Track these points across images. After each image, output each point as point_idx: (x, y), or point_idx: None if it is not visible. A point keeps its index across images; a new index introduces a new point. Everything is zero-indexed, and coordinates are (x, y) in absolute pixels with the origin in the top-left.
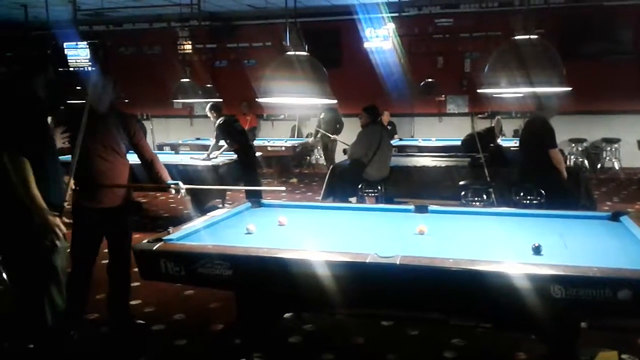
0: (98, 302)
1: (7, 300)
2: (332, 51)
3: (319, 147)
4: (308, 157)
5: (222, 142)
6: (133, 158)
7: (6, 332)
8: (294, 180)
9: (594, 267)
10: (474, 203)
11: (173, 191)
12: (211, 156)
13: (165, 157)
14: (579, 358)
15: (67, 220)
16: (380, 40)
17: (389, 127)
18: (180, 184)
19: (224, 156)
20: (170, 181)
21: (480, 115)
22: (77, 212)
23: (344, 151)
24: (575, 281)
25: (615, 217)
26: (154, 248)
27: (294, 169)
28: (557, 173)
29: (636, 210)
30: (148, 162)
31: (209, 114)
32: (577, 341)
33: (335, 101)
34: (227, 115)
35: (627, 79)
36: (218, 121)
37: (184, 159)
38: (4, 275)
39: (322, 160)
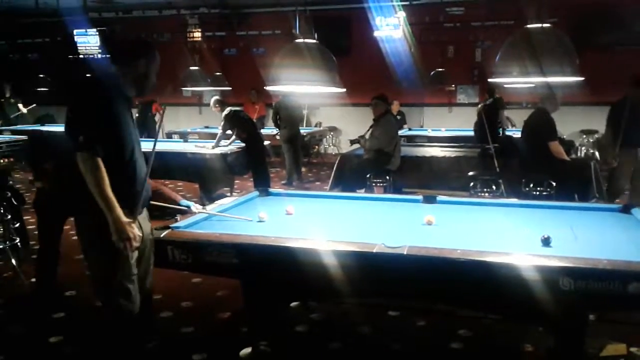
0: None
1: (15, 286)
2: (341, 40)
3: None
4: (317, 146)
5: (229, 132)
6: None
7: (14, 317)
8: (302, 169)
9: (603, 259)
10: (482, 194)
11: None
12: (220, 145)
13: (173, 145)
14: (587, 350)
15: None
16: (391, 28)
17: (398, 117)
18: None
19: (231, 145)
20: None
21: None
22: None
23: (352, 142)
24: (584, 273)
25: (626, 209)
26: (162, 236)
27: (302, 158)
28: (561, 163)
29: None
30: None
31: (213, 109)
32: (585, 333)
33: (343, 89)
34: (233, 106)
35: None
36: (225, 112)
37: (189, 147)
38: (14, 261)
39: (330, 150)
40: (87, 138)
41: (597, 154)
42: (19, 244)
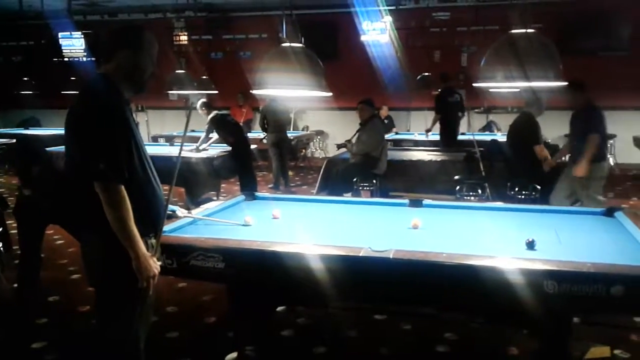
0: (90, 294)
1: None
2: (328, 44)
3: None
4: (304, 150)
5: (211, 135)
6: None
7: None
8: (290, 173)
9: (587, 262)
10: (468, 197)
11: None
12: (200, 148)
13: (158, 149)
14: (571, 353)
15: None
16: (377, 33)
17: (385, 122)
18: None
19: (218, 148)
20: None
21: (476, 110)
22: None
23: (338, 146)
24: (568, 276)
25: (609, 212)
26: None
27: (289, 162)
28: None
29: (631, 206)
30: None
31: (199, 111)
32: (569, 336)
33: (330, 94)
34: (219, 109)
35: (622, 75)
36: (210, 116)
37: (175, 150)
38: None
39: (318, 154)
40: (110, 164)
41: None
42: (1, 248)
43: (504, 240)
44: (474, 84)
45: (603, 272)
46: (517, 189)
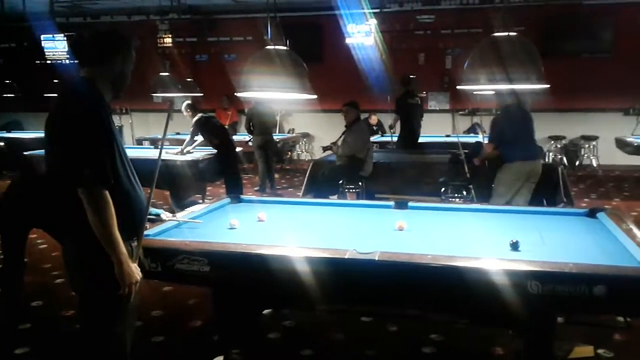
0: (74, 299)
1: None
2: (313, 46)
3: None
4: (290, 153)
5: (196, 137)
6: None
7: None
8: (275, 175)
9: (570, 263)
10: (453, 199)
11: None
12: (185, 151)
13: (142, 152)
14: (555, 353)
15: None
16: (362, 36)
17: (374, 128)
18: None
19: (203, 151)
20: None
21: (461, 112)
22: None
23: (324, 148)
24: (551, 277)
25: (592, 213)
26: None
27: (275, 164)
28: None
29: (613, 207)
30: None
31: (184, 113)
32: (553, 336)
33: (314, 96)
34: (204, 112)
35: (605, 77)
36: (195, 118)
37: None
38: None
39: (304, 156)
40: (95, 169)
41: (564, 159)
42: None
43: (488, 242)
44: (458, 87)
45: (586, 273)
46: None
